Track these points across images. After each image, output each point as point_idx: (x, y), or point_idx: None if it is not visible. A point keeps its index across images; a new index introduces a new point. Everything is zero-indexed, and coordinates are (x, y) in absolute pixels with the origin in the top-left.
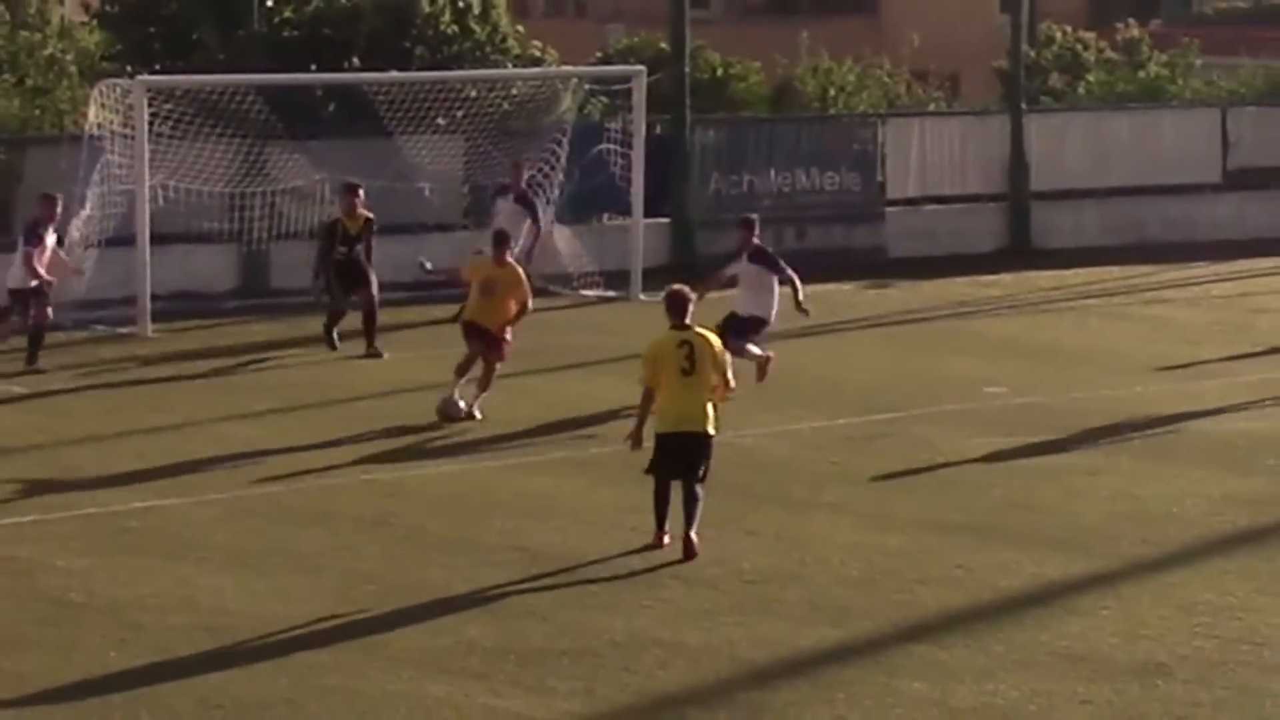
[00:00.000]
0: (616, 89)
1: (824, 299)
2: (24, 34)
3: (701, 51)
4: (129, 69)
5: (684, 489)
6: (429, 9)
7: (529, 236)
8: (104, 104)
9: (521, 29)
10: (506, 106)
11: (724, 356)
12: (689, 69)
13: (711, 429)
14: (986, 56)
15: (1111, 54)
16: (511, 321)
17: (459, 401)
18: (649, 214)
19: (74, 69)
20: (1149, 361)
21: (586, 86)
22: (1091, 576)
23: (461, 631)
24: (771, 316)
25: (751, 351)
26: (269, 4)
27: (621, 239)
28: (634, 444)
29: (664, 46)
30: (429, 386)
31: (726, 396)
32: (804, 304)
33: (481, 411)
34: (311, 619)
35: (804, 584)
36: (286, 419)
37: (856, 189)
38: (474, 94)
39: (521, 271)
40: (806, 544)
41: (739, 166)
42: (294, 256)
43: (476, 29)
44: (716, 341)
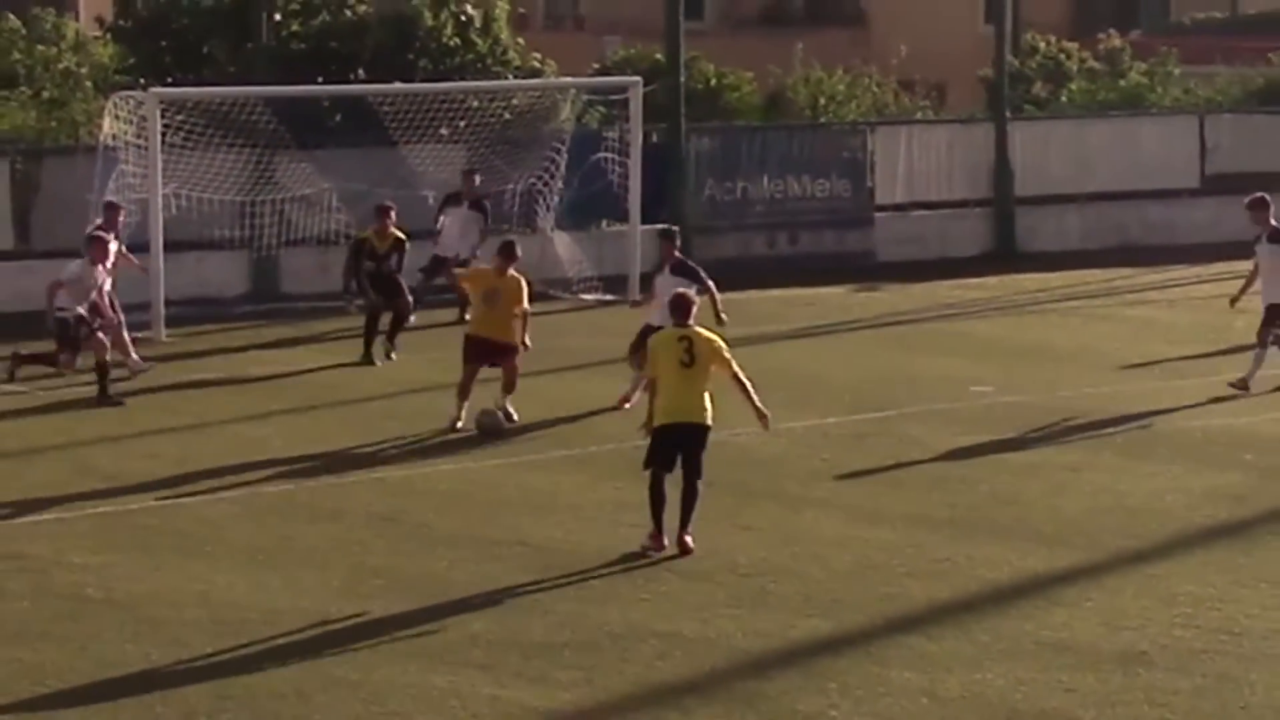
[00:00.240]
0: (614, 99)
1: (816, 302)
2: (40, 48)
3: (696, 62)
4: (142, 82)
5: (684, 483)
6: (432, 23)
7: (480, 238)
8: (118, 116)
9: (522, 42)
10: (507, 116)
11: (726, 352)
12: (684, 79)
13: (709, 421)
14: (972, 66)
15: (1093, 63)
16: (521, 334)
17: (496, 411)
18: (645, 220)
19: (89, 82)
20: (1131, 361)
21: (585, 97)
22: (1075, 569)
23: (466, 624)
24: None
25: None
26: (277, 18)
27: (619, 244)
28: (648, 432)
29: (659, 58)
30: (436, 388)
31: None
32: (722, 314)
33: (516, 412)
34: (321, 612)
35: (796, 577)
36: (297, 420)
37: (847, 195)
38: (476, 104)
39: (523, 281)
40: (799, 538)
41: (733, 174)
42: (303, 262)
43: (478, 42)
44: (717, 339)
